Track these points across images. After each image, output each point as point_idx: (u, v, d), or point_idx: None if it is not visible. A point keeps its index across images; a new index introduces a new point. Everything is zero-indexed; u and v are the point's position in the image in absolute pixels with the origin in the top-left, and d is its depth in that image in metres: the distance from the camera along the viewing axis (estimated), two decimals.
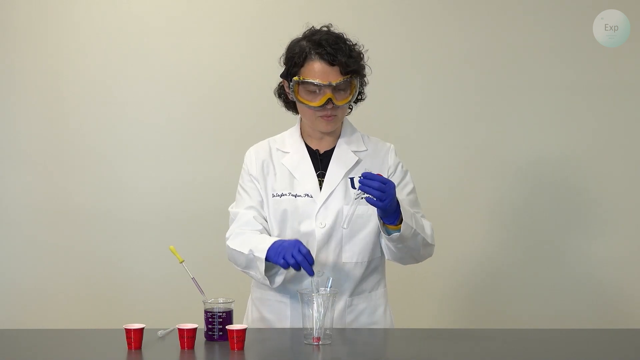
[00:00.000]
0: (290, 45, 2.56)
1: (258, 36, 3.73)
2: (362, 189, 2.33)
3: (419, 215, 2.55)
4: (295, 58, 2.50)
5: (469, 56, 3.75)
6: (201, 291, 2.41)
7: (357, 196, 2.36)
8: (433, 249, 2.58)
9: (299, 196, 2.53)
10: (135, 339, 2.19)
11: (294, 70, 2.51)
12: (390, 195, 2.34)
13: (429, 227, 2.54)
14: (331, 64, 2.46)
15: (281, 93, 2.63)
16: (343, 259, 2.53)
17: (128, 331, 2.19)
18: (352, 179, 2.45)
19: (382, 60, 3.54)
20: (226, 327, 2.22)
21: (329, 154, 2.59)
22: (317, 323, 2.20)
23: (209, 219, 3.66)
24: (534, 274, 3.76)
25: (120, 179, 3.77)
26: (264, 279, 2.44)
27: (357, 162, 2.57)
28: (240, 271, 2.63)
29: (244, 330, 2.18)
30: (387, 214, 2.40)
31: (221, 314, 2.29)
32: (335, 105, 2.49)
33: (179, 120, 3.78)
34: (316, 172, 2.57)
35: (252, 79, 3.68)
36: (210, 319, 2.29)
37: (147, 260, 3.76)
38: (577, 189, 3.75)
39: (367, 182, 2.33)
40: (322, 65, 2.47)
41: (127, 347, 2.20)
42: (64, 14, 3.76)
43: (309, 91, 2.49)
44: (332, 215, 2.52)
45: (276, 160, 2.60)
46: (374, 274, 2.60)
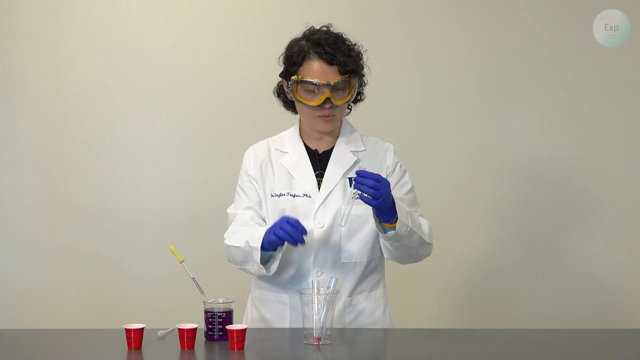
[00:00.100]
0: (289, 44, 2.55)
1: (258, 36, 3.73)
2: (356, 187, 2.34)
3: (416, 214, 2.55)
4: (294, 57, 2.50)
5: (469, 56, 3.75)
6: (201, 291, 2.41)
7: (353, 195, 2.37)
8: (431, 248, 2.58)
9: (298, 196, 2.53)
10: (135, 339, 2.19)
11: (292, 69, 2.51)
12: (385, 193, 2.34)
13: (426, 226, 2.54)
14: (330, 63, 2.46)
15: (280, 93, 2.63)
16: (342, 259, 2.53)
17: (128, 331, 2.20)
18: (351, 178, 2.45)
19: (382, 60, 3.55)
20: (226, 327, 2.22)
21: (328, 154, 2.59)
22: (318, 323, 2.20)
23: (209, 219, 3.66)
24: (534, 274, 3.76)
25: (120, 179, 3.77)
26: (259, 268, 2.44)
27: (356, 162, 2.57)
28: (238, 270, 2.63)
29: (244, 330, 2.18)
30: (382, 212, 2.40)
31: (221, 314, 2.28)
32: (334, 105, 2.48)
33: (179, 120, 3.78)
34: (315, 172, 2.57)
35: (252, 79, 3.68)
36: (210, 319, 2.29)
37: (147, 260, 3.76)
38: (577, 189, 3.75)
39: (361, 180, 2.33)
40: (320, 65, 2.47)
41: (127, 347, 2.20)
42: (64, 14, 3.76)
43: (308, 90, 2.49)
44: (330, 215, 2.52)
45: (275, 160, 2.60)
46: (373, 274, 2.59)
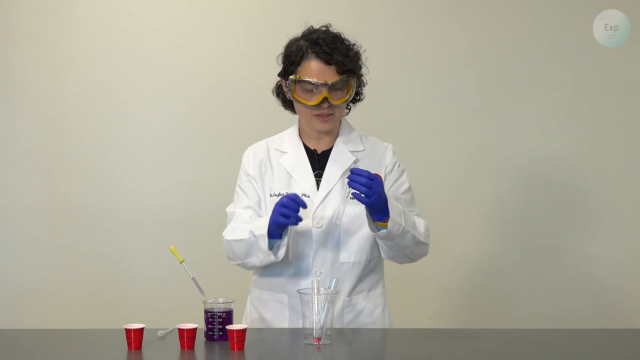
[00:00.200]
0: (288, 44, 2.56)
1: (258, 36, 3.73)
2: (350, 184, 2.35)
3: (412, 214, 2.55)
4: (292, 57, 2.51)
5: (469, 56, 3.75)
6: (201, 291, 2.41)
7: (347, 193, 2.38)
8: (427, 248, 2.58)
9: None
10: (135, 339, 2.19)
11: (291, 68, 2.51)
12: (377, 191, 2.35)
13: (422, 225, 2.54)
14: (327, 62, 2.46)
15: (279, 92, 2.63)
16: (341, 259, 2.53)
17: (128, 331, 2.19)
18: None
19: (382, 60, 3.56)
20: (226, 327, 2.22)
21: (327, 153, 2.59)
22: (318, 323, 2.20)
23: (209, 219, 3.66)
24: (534, 274, 3.76)
25: (120, 179, 3.77)
26: (266, 255, 2.43)
27: (355, 162, 2.57)
28: (238, 270, 2.63)
29: (244, 330, 2.18)
30: (375, 210, 2.40)
31: (221, 314, 2.28)
32: (331, 105, 2.48)
33: (179, 120, 3.78)
34: (314, 172, 2.57)
35: (252, 79, 3.68)
36: (210, 319, 2.29)
37: (147, 260, 3.76)
38: (577, 189, 3.75)
39: (354, 178, 2.34)
40: (318, 64, 2.47)
41: (127, 347, 2.20)
42: (64, 14, 3.76)
43: (306, 90, 2.49)
44: (329, 215, 2.51)
45: (274, 160, 2.60)
46: (372, 274, 2.59)
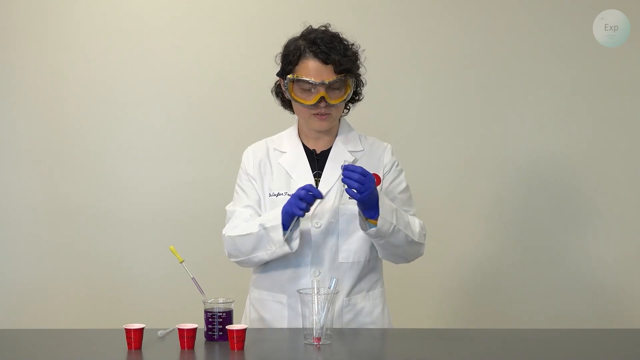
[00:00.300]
0: (287, 43, 2.56)
1: (258, 36, 3.73)
2: (344, 180, 2.36)
3: (408, 213, 2.55)
4: (290, 56, 2.51)
5: (469, 56, 3.75)
6: (201, 291, 2.41)
7: (342, 188, 2.40)
8: (422, 248, 2.57)
9: None
10: (135, 339, 2.19)
11: (288, 68, 2.52)
12: (370, 188, 2.36)
13: (417, 225, 2.54)
14: (325, 62, 2.47)
15: (278, 92, 2.63)
16: (340, 259, 2.53)
17: (128, 331, 2.19)
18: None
19: (382, 60, 3.56)
20: (226, 327, 2.22)
21: (326, 154, 2.59)
22: (318, 323, 2.20)
23: (209, 219, 3.66)
24: (534, 274, 3.76)
25: (120, 179, 3.77)
26: (281, 245, 2.43)
27: (354, 162, 2.56)
28: (238, 270, 2.62)
29: (244, 330, 2.18)
30: (367, 207, 2.41)
31: (221, 314, 2.28)
32: (329, 104, 2.49)
33: (179, 120, 3.78)
34: (313, 172, 2.57)
35: (252, 79, 3.68)
36: (210, 319, 2.29)
37: (147, 260, 3.76)
38: (577, 189, 3.75)
39: (348, 174, 2.35)
40: (316, 64, 2.47)
41: (127, 347, 2.20)
42: (64, 14, 3.76)
43: (303, 89, 2.50)
44: (327, 215, 2.51)
45: (273, 160, 2.60)
46: (371, 274, 2.59)
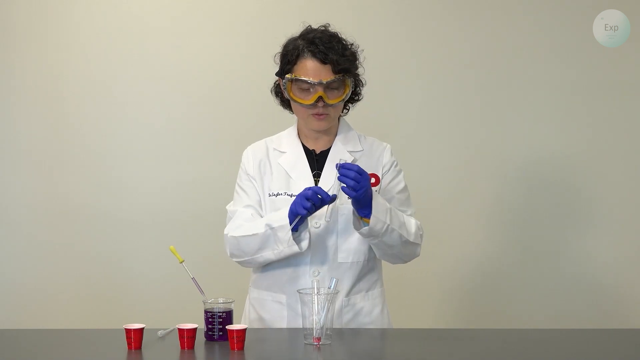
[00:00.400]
0: (285, 43, 2.57)
1: (258, 36, 3.73)
2: (340, 179, 2.37)
3: (405, 214, 2.55)
4: (288, 56, 2.52)
5: (469, 56, 3.75)
6: (201, 291, 2.41)
7: (338, 186, 2.40)
8: (418, 249, 2.57)
9: (295, 196, 2.52)
10: (135, 339, 2.19)
11: (287, 67, 2.52)
12: (365, 186, 2.36)
13: (413, 225, 2.53)
14: (323, 62, 2.47)
15: (278, 92, 2.64)
16: (339, 259, 2.53)
17: (128, 331, 2.19)
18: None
19: (382, 60, 3.56)
20: (226, 327, 2.22)
21: (325, 154, 2.59)
22: (318, 323, 2.20)
23: (209, 219, 3.66)
24: (534, 274, 3.75)
25: (120, 179, 3.77)
26: (289, 245, 2.43)
27: (353, 162, 2.56)
28: (238, 270, 2.62)
29: (244, 330, 2.18)
30: (361, 205, 2.41)
31: (221, 314, 2.28)
32: (327, 104, 2.49)
33: (179, 120, 3.78)
34: (312, 172, 2.57)
35: (252, 79, 3.67)
36: (210, 319, 2.29)
37: (147, 260, 3.76)
38: (577, 188, 3.75)
39: (344, 172, 2.36)
40: (314, 63, 2.48)
41: (127, 347, 2.20)
42: (64, 14, 3.76)
43: (302, 89, 2.50)
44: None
45: (273, 160, 2.60)
46: (370, 274, 2.59)
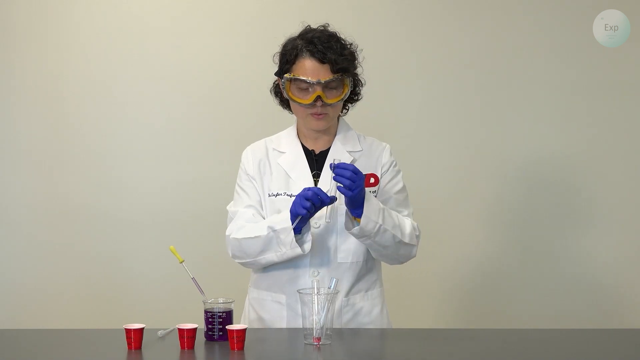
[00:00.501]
0: (284, 43, 2.57)
1: (258, 36, 3.73)
2: (335, 178, 2.37)
3: (402, 214, 2.55)
4: (287, 55, 2.52)
5: (469, 56, 3.75)
6: (201, 291, 2.41)
7: (334, 186, 2.41)
8: (413, 250, 2.56)
9: (294, 196, 2.52)
10: (135, 339, 2.19)
11: (286, 67, 2.53)
12: (360, 185, 2.38)
13: (408, 226, 2.53)
14: (321, 61, 2.47)
15: (277, 91, 2.64)
16: (338, 259, 2.53)
17: (128, 331, 2.19)
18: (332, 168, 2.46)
19: (381, 60, 3.56)
20: (226, 327, 2.22)
21: (325, 154, 2.59)
22: (318, 323, 2.20)
23: (209, 219, 3.66)
24: (534, 274, 3.75)
25: (120, 179, 3.77)
26: (292, 247, 2.44)
27: (352, 162, 2.56)
28: (238, 270, 2.62)
29: (244, 330, 2.18)
30: (355, 205, 2.41)
31: (221, 314, 2.28)
32: (325, 103, 2.49)
33: (179, 120, 3.78)
34: (312, 172, 2.57)
35: (252, 79, 3.67)
36: (210, 319, 2.29)
37: (147, 260, 3.76)
38: (577, 189, 3.75)
39: (340, 172, 2.37)
40: (312, 63, 2.48)
41: (127, 347, 2.20)
42: (64, 14, 3.76)
43: (300, 89, 2.50)
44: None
45: (272, 160, 2.60)
46: (370, 274, 2.59)
